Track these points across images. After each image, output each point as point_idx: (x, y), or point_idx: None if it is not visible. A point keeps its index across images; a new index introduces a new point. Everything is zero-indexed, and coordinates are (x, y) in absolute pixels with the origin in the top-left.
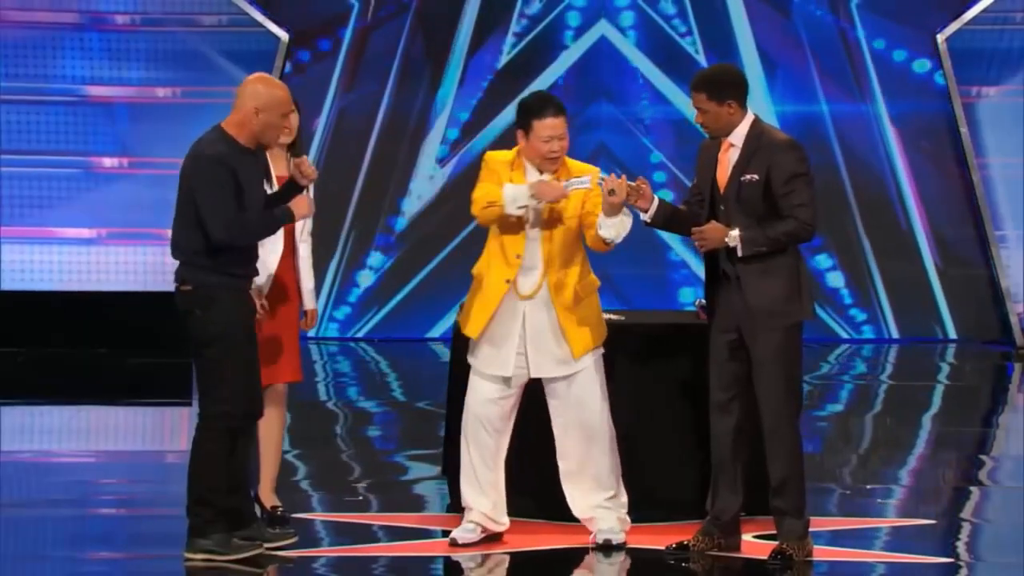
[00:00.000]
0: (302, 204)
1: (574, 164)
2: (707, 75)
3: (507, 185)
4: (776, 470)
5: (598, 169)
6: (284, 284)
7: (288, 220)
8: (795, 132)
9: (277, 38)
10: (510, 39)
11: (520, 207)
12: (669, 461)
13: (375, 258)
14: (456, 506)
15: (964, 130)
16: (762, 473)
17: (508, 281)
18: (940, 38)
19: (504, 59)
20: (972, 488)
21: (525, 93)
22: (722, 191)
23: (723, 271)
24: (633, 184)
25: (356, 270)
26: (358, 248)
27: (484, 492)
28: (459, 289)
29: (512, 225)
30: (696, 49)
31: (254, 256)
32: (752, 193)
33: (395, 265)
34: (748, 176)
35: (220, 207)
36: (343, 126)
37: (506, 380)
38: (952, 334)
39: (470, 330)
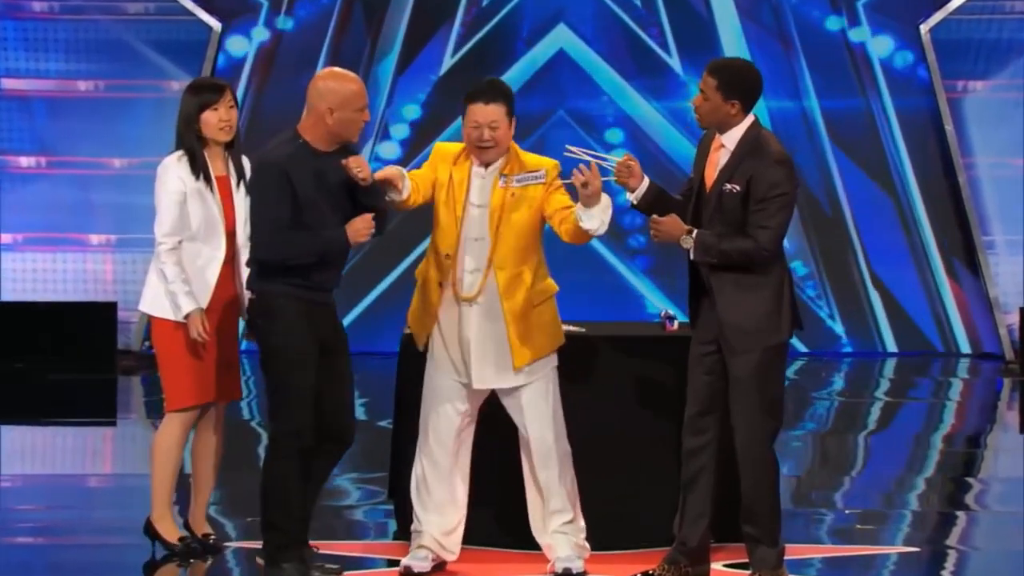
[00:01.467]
0: (359, 226)
1: (529, 158)
2: (727, 65)
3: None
4: (748, 494)
5: (556, 162)
6: (225, 293)
7: (340, 246)
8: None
9: (209, 27)
10: (457, 30)
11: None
12: (634, 482)
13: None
14: (405, 532)
15: (949, 127)
16: (735, 496)
17: (441, 284)
18: (924, 28)
19: (451, 56)
20: (959, 513)
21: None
22: (707, 192)
23: (702, 279)
24: (622, 160)
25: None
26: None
27: (436, 511)
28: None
29: (444, 225)
30: (668, 52)
31: (333, 267)
32: (733, 204)
33: (352, 274)
34: (730, 186)
35: (264, 221)
36: (278, 121)
37: (458, 389)
38: (891, 347)
39: (415, 336)
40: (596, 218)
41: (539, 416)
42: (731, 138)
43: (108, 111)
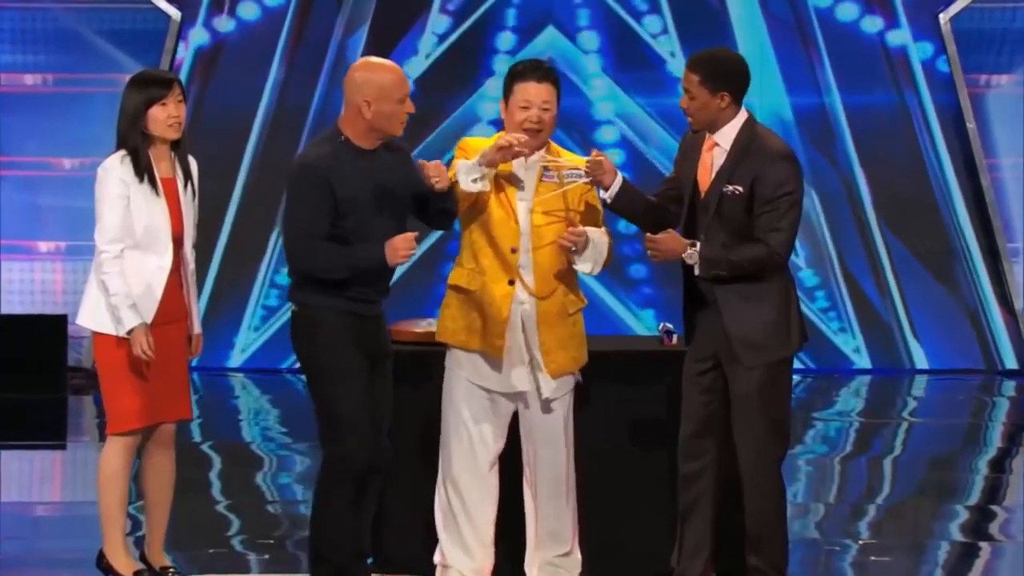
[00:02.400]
0: (399, 246)
1: (569, 156)
2: (707, 56)
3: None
4: (752, 522)
5: (583, 159)
6: (172, 305)
7: (376, 264)
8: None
9: (167, 16)
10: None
11: (475, 179)
12: (628, 509)
13: (284, 276)
14: (387, 565)
15: (971, 126)
16: (737, 525)
17: (512, 282)
18: (943, 18)
19: (436, 35)
20: (981, 544)
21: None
22: (703, 197)
23: (701, 291)
24: (591, 157)
25: (271, 289)
26: (280, 264)
27: (470, 551)
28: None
29: (498, 220)
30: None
31: (381, 279)
32: (735, 208)
33: None
34: (731, 188)
35: (294, 228)
36: (283, 118)
37: (501, 406)
38: (921, 364)
39: (487, 345)
40: (588, 260)
41: (556, 438)
42: (725, 136)
43: (58, 107)
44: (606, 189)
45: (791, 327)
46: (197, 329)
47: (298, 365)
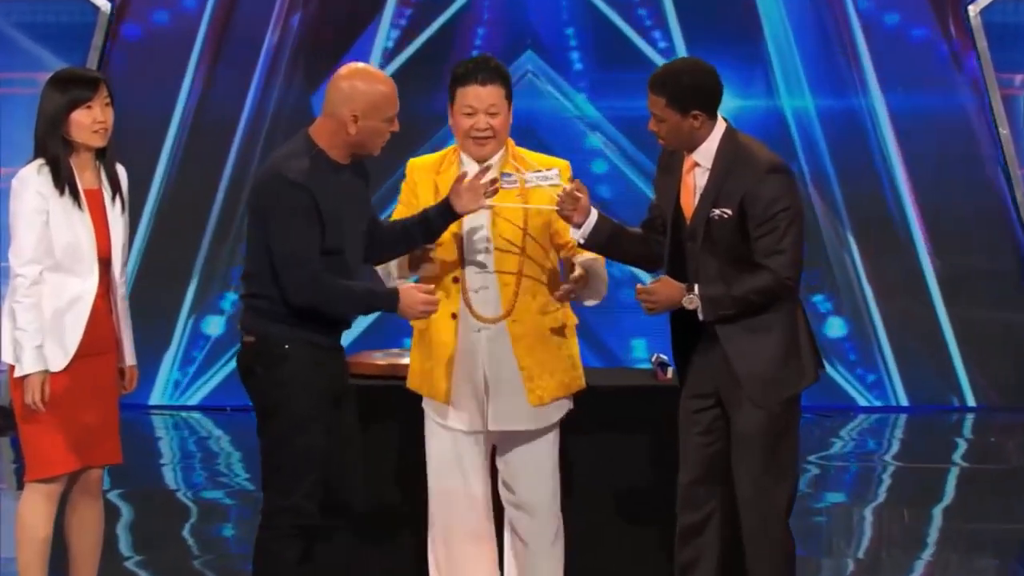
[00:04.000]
0: (418, 302)
1: (535, 157)
2: (668, 74)
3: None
4: None
5: (566, 162)
6: (100, 333)
7: (389, 309)
8: (757, 135)
9: (96, 8)
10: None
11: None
12: (620, 563)
13: (229, 300)
14: None
15: (1004, 131)
16: None
17: (454, 315)
18: (972, 10)
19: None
20: None
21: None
22: (688, 223)
23: (691, 322)
24: (568, 189)
25: (203, 315)
26: (211, 286)
27: None
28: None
29: (443, 243)
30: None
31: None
32: (725, 233)
33: None
34: (719, 212)
35: (294, 258)
36: (193, 126)
37: (480, 447)
38: (971, 401)
39: (434, 390)
40: (592, 295)
41: (541, 476)
42: (706, 153)
43: None
44: (577, 227)
45: (803, 355)
46: (130, 361)
47: (238, 402)
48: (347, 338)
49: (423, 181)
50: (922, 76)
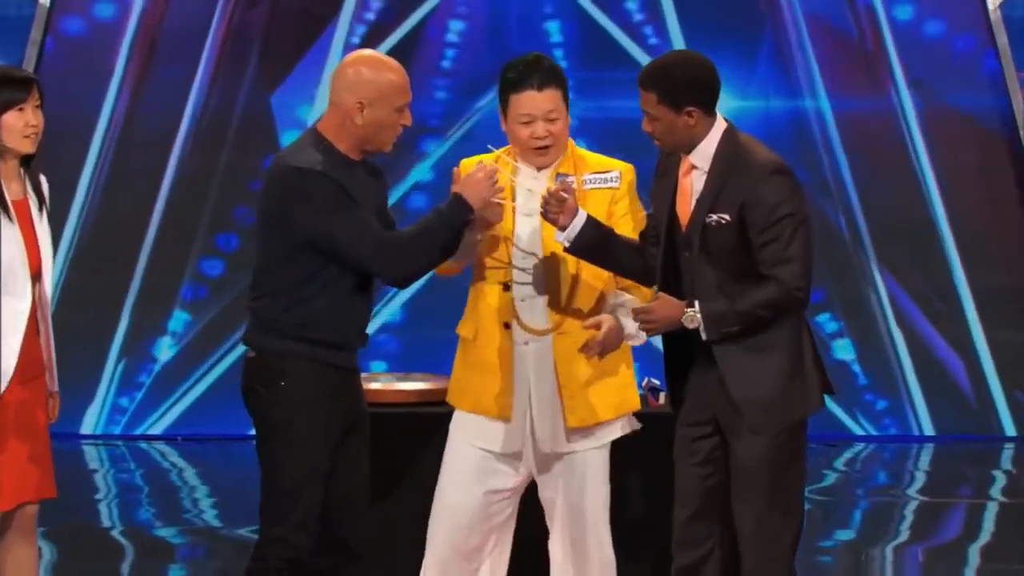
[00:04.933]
0: (478, 182)
1: (594, 159)
2: (660, 68)
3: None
4: None
5: (630, 165)
6: (32, 356)
7: (462, 212)
8: (773, 136)
9: (34, 1)
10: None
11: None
12: None
13: (179, 320)
14: None
15: None
16: None
17: (507, 325)
18: (992, 3)
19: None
20: None
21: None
22: (683, 230)
23: (686, 344)
24: (553, 190)
25: (151, 337)
26: (154, 305)
27: None
28: None
29: (493, 243)
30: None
31: (359, 319)
32: (723, 240)
33: (209, 329)
34: (716, 217)
35: (354, 225)
36: (133, 128)
37: (505, 471)
38: (1010, 431)
39: (487, 406)
40: (633, 335)
41: (588, 505)
42: (702, 155)
43: None
44: (562, 229)
45: (807, 377)
46: (53, 387)
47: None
48: None
49: None
50: (943, 74)
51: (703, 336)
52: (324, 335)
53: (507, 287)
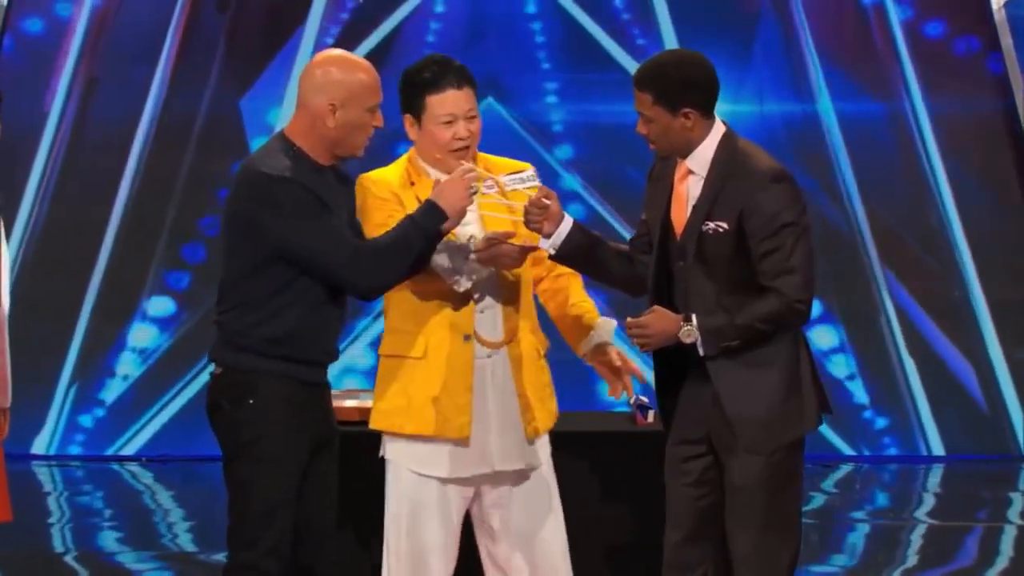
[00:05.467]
0: (456, 186)
1: (506, 162)
2: (656, 67)
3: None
4: None
5: (530, 165)
6: None
7: (437, 226)
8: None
9: None
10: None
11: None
12: None
13: (143, 333)
14: None
15: None
16: None
17: (468, 337)
18: (996, 2)
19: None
20: None
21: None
22: (678, 238)
23: (679, 359)
24: (533, 198)
25: (112, 353)
26: (115, 318)
27: None
28: None
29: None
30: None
31: (330, 333)
32: (720, 250)
33: (177, 345)
34: (713, 225)
35: (327, 234)
36: (90, 132)
37: (458, 494)
38: None
39: (444, 426)
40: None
41: (549, 519)
42: (699, 160)
43: None
44: (547, 236)
45: (804, 395)
46: (4, 403)
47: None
48: None
49: (393, 196)
50: (948, 78)
51: (700, 352)
52: (294, 350)
53: (469, 298)
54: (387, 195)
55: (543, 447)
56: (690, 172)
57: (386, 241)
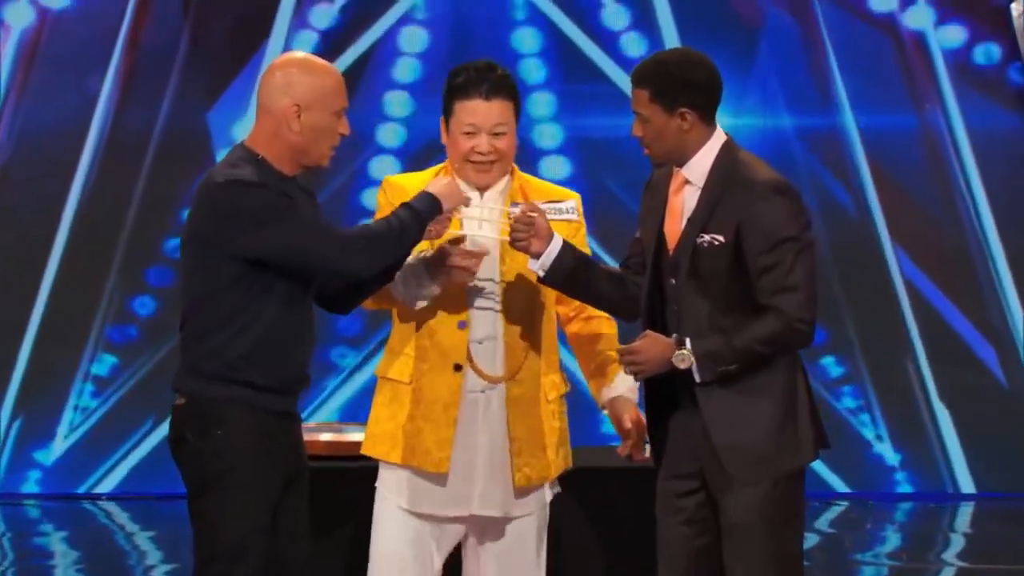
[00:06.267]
0: (445, 186)
1: (547, 187)
2: (656, 63)
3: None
4: None
5: (578, 196)
6: None
7: (433, 215)
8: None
9: None
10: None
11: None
12: None
13: (103, 364)
14: None
15: None
16: None
17: (459, 367)
18: (1016, 9)
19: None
20: None
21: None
22: (670, 253)
23: (672, 386)
24: (517, 214)
25: (74, 383)
26: (73, 347)
27: None
28: None
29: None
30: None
31: (298, 357)
32: (715, 265)
33: (150, 377)
34: (708, 238)
35: (307, 228)
36: (30, 149)
37: (454, 528)
38: None
39: (423, 458)
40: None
41: (527, 572)
42: (696, 169)
43: None
44: (536, 257)
45: (801, 425)
46: None
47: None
48: None
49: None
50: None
51: (696, 378)
52: (261, 375)
53: (462, 325)
54: (396, 202)
55: (536, 498)
56: (687, 182)
57: (378, 225)
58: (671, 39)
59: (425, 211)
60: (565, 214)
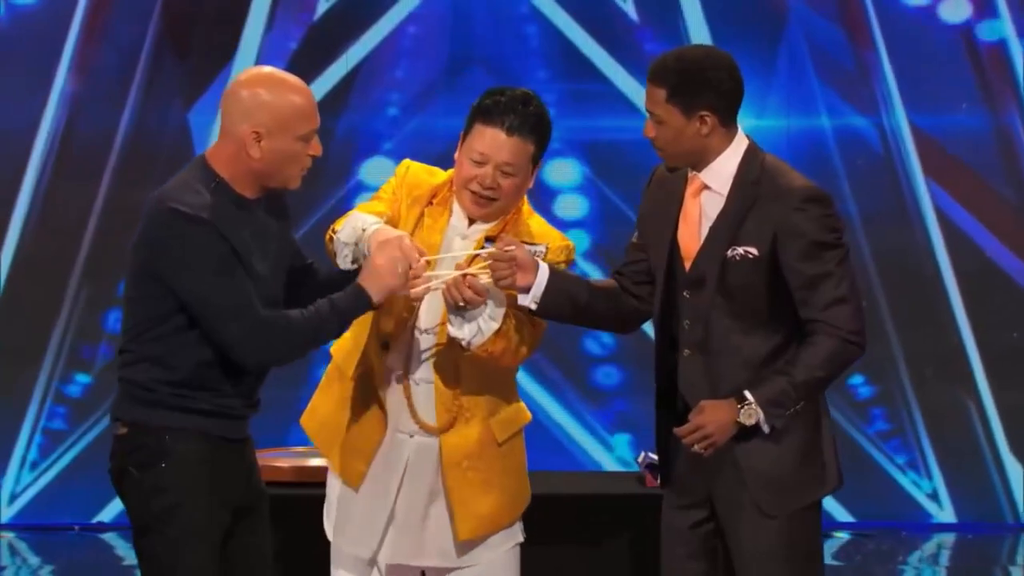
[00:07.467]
0: (387, 262)
1: (538, 225)
2: (675, 61)
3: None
4: None
5: (570, 243)
6: None
7: (359, 314)
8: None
9: None
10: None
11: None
12: None
13: (83, 384)
14: None
15: None
16: None
17: (387, 346)
18: None
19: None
20: None
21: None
22: (687, 267)
23: (685, 407)
24: (494, 249)
25: (26, 406)
26: (54, 367)
27: None
28: None
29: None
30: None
31: (248, 380)
32: (747, 279)
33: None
34: (741, 250)
35: (231, 296)
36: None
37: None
38: None
39: (343, 466)
40: (466, 325)
41: None
42: (717, 175)
43: None
44: (524, 291)
45: (825, 454)
46: None
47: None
48: None
49: (415, 199)
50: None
51: (765, 429)
52: (208, 400)
53: (386, 346)
54: (391, 196)
55: (490, 545)
56: (705, 187)
57: (295, 320)
58: (698, 33)
59: (348, 311)
60: (532, 255)
